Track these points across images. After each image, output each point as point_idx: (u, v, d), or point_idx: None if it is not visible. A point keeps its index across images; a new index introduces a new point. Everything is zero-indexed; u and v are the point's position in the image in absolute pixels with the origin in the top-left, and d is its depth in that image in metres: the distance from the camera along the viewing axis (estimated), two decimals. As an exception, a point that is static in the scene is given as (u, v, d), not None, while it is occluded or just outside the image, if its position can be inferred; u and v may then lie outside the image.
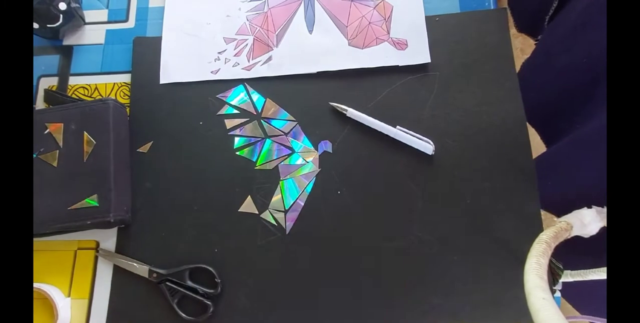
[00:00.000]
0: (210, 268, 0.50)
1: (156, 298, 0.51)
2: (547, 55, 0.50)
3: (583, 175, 0.45)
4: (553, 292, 0.49)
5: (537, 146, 0.59)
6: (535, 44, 0.56)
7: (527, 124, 0.53)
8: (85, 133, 0.52)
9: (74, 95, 0.59)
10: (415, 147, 0.52)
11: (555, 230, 0.41)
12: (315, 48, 0.57)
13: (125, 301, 0.51)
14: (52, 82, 0.61)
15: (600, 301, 0.51)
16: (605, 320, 0.47)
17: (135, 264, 0.51)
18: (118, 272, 0.52)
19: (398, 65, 0.55)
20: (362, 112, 0.54)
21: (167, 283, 0.50)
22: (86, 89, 0.60)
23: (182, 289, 0.50)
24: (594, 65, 0.43)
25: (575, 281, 0.49)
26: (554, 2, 0.50)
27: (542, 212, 0.50)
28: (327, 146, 0.54)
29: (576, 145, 0.44)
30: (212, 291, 0.50)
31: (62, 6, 0.57)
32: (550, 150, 0.51)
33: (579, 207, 0.43)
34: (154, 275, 0.51)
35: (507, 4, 0.59)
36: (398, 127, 0.53)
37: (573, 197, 0.44)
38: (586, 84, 0.43)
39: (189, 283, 0.50)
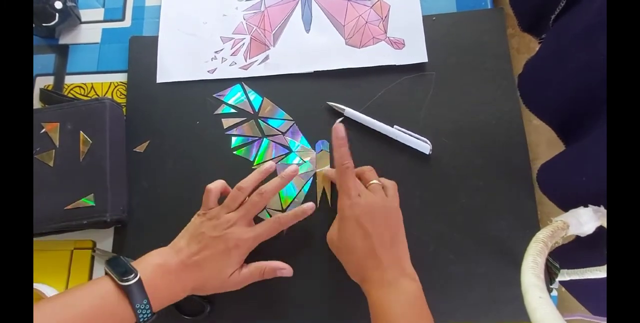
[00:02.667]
0: (194, 296, 0.49)
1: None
2: (561, 53, 0.50)
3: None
4: (550, 290, 0.49)
5: (537, 144, 0.59)
6: (539, 42, 0.56)
7: (528, 123, 0.53)
8: (82, 132, 0.52)
9: (70, 95, 0.59)
10: (413, 146, 0.52)
11: (551, 229, 0.41)
12: (313, 47, 0.57)
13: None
14: (48, 81, 0.60)
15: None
16: (603, 318, 0.48)
17: None
18: (115, 271, 0.52)
19: (395, 65, 0.55)
20: (360, 112, 0.54)
21: None
22: (82, 88, 0.60)
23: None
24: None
25: (581, 279, 0.49)
26: (561, 1, 0.49)
27: (539, 211, 0.50)
28: (324, 145, 0.54)
29: (603, 142, 0.44)
30: (199, 316, 0.49)
31: (58, 5, 0.57)
32: (574, 148, 0.51)
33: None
34: None
35: (509, 3, 0.59)
36: (395, 126, 0.53)
37: (601, 193, 0.44)
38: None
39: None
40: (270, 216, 0.52)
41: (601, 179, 0.44)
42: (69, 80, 0.60)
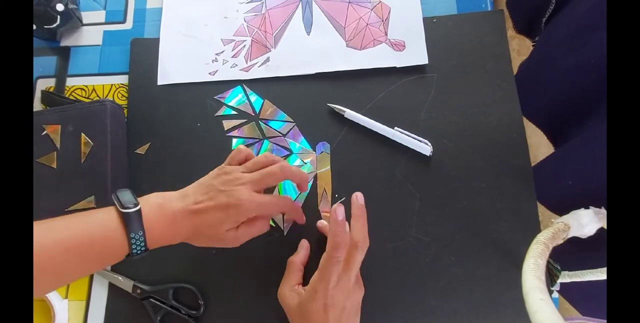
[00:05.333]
0: (194, 289, 0.50)
1: (140, 313, 0.50)
2: (550, 56, 0.50)
3: (597, 174, 0.46)
4: (551, 292, 0.49)
5: (538, 146, 0.59)
6: (532, 45, 0.57)
7: (528, 124, 0.53)
8: (83, 134, 0.52)
9: (71, 97, 0.59)
10: (413, 148, 0.52)
11: (552, 231, 0.41)
12: (313, 49, 0.57)
13: (118, 309, 0.51)
14: (49, 83, 0.60)
15: (600, 301, 0.51)
16: (604, 321, 0.48)
17: (120, 278, 0.51)
18: (115, 273, 0.52)
19: (396, 67, 0.56)
20: (360, 114, 0.54)
21: (151, 299, 0.50)
22: (83, 90, 0.60)
23: (165, 306, 0.49)
24: (603, 66, 0.44)
25: (573, 282, 0.49)
26: (550, 4, 0.50)
27: (539, 213, 0.50)
28: (325, 147, 0.54)
29: (589, 145, 0.44)
30: (194, 312, 0.49)
31: (60, 7, 0.57)
32: (561, 151, 0.51)
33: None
34: (138, 291, 0.50)
35: (505, 5, 0.59)
36: (396, 128, 0.53)
37: (587, 196, 0.44)
38: (595, 85, 0.43)
39: (173, 302, 0.49)
40: (272, 218, 0.52)
41: (586, 182, 0.44)
42: (71, 82, 0.60)
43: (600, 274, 0.46)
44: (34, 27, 0.57)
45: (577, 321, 0.48)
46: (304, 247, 0.50)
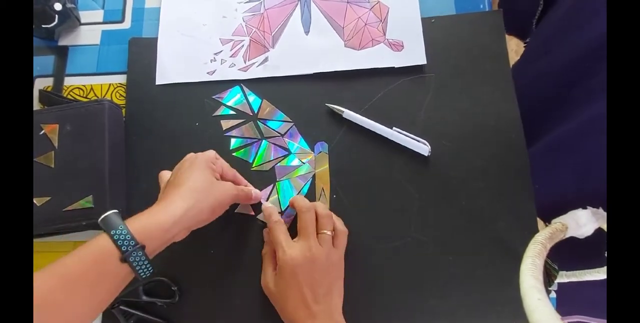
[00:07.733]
0: (165, 279, 0.49)
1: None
2: (530, 59, 0.51)
3: (561, 177, 0.46)
4: (548, 292, 0.49)
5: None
6: (524, 46, 0.57)
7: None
8: (81, 134, 0.51)
9: (69, 96, 0.59)
10: (411, 148, 0.52)
11: (550, 231, 0.41)
12: (312, 49, 0.57)
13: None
14: (47, 82, 0.60)
15: (594, 305, 0.51)
16: (600, 320, 0.48)
17: None
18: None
19: (394, 67, 0.56)
20: (359, 114, 0.54)
21: (121, 307, 0.49)
22: (81, 89, 0.60)
23: (137, 312, 0.49)
24: (570, 68, 0.44)
25: (570, 281, 0.49)
26: (539, 4, 0.50)
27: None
28: (323, 147, 0.54)
29: (553, 148, 0.45)
30: (169, 300, 0.49)
31: (58, 6, 0.57)
32: (529, 153, 0.52)
33: (562, 210, 0.43)
34: None
35: (498, 6, 0.59)
36: (394, 128, 0.53)
37: (553, 200, 0.45)
38: (560, 87, 0.43)
39: (144, 298, 0.49)
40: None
41: (552, 188, 0.44)
42: (69, 81, 0.60)
43: (597, 274, 0.46)
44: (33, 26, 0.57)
45: (573, 320, 0.48)
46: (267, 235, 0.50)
